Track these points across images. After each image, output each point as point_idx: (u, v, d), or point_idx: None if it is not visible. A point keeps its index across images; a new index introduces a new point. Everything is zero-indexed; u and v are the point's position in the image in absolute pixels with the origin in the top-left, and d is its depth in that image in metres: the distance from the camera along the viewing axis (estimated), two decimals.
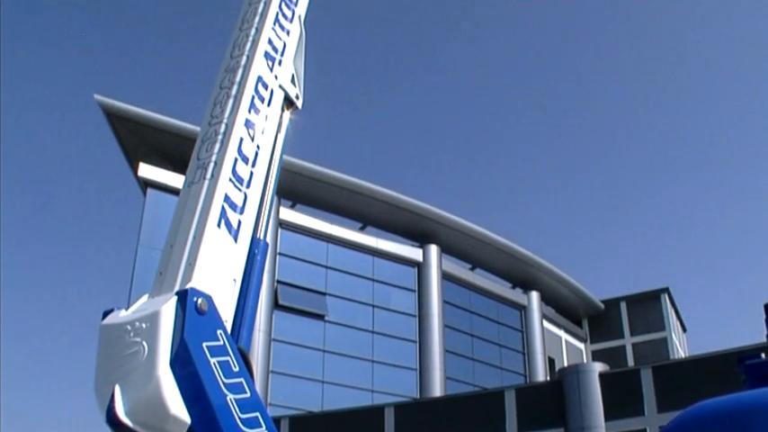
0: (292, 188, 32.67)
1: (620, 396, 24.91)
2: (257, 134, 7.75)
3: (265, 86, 8.09)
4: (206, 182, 7.21)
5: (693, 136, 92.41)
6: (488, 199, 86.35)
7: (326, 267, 34.49)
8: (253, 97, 7.85)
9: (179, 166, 26.05)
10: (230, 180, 7.26)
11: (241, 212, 7.29)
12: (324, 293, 33.91)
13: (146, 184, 29.39)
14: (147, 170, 29.30)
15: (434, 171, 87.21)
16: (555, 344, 46.89)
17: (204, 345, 6.12)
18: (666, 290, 51.51)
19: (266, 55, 8.26)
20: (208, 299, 6.36)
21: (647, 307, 51.33)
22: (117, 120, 29.48)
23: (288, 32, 8.73)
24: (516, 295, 43.77)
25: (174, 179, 27.85)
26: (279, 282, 32.33)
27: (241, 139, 7.52)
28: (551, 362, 45.06)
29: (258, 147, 7.73)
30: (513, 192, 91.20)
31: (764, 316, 7.18)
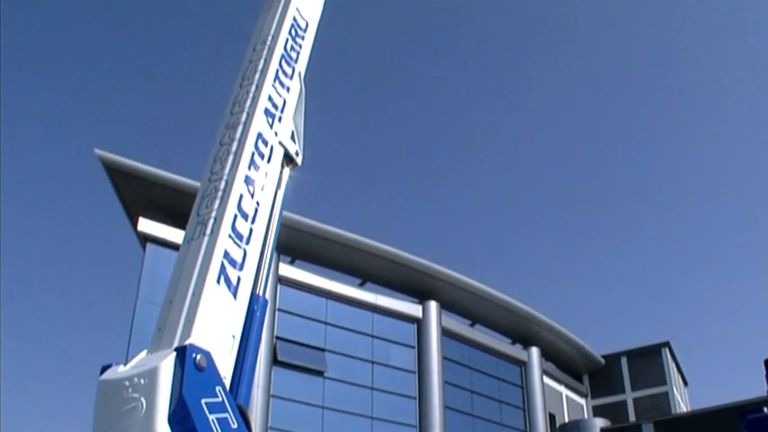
0: (292, 244, 32.67)
1: None
2: (257, 191, 7.79)
3: (265, 143, 8.15)
4: (206, 238, 7.24)
5: (691, 192, 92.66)
6: (488, 255, 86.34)
7: (326, 323, 34.33)
8: (253, 154, 7.90)
9: (179, 221, 26.10)
10: (230, 236, 7.28)
11: (240, 269, 7.30)
12: (323, 350, 33.72)
13: (145, 238, 29.37)
14: (146, 225, 29.30)
15: (434, 227, 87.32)
16: (555, 399, 46.55)
17: (203, 401, 6.10)
18: (667, 344, 51.27)
19: (266, 112, 8.32)
20: (207, 355, 6.35)
21: (648, 361, 51.05)
22: (117, 174, 29.55)
23: (288, 89, 8.81)
24: (516, 351, 43.54)
25: (174, 234, 27.85)
26: (278, 338, 32.16)
27: (241, 196, 7.56)
28: (552, 418, 44.71)
29: (258, 203, 7.76)
30: (512, 248, 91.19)
31: (765, 372, 7.16)
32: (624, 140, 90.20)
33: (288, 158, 8.59)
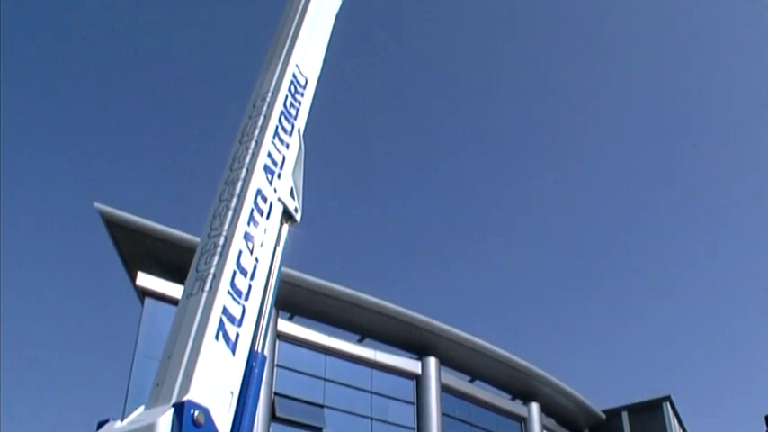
0: (290, 300, 32.60)
1: None
2: (256, 247, 7.82)
3: (264, 199, 8.19)
4: (204, 294, 7.25)
5: (689, 254, 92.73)
6: (487, 310, 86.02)
7: (324, 379, 34.12)
8: (252, 210, 7.94)
9: (178, 275, 26.06)
10: (229, 292, 7.29)
11: (239, 325, 7.30)
12: (322, 406, 33.47)
13: (143, 293, 29.31)
14: (145, 279, 29.26)
15: (433, 283, 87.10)
16: None
17: None
18: (668, 398, 50.87)
19: (266, 168, 8.37)
20: (205, 411, 6.33)
21: (649, 415, 50.61)
22: (116, 228, 29.59)
23: (287, 146, 8.87)
24: (516, 407, 43.20)
25: (173, 289, 27.80)
26: (276, 394, 31.94)
27: (240, 252, 7.58)
28: None
29: (257, 259, 7.78)
30: (511, 303, 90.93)
31: (765, 428, 7.13)
32: (620, 198, 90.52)
33: (287, 215, 8.63)
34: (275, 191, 8.40)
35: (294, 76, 9.57)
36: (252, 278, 7.62)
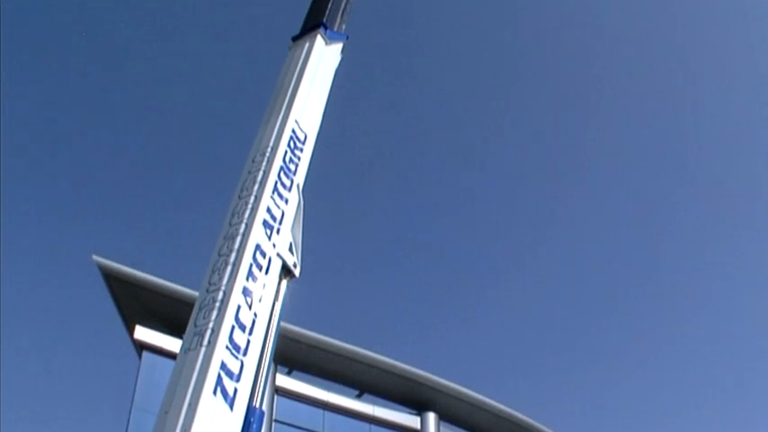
0: (289, 355, 32.41)
1: None
2: (255, 302, 7.80)
3: (263, 255, 8.19)
4: (203, 349, 7.22)
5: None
6: (487, 365, 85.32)
7: None
8: (251, 265, 7.94)
9: (176, 329, 25.93)
10: (227, 348, 7.26)
11: (237, 380, 7.26)
12: None
13: (141, 346, 29.13)
14: (143, 333, 29.11)
15: (432, 338, 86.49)
16: None
17: None
18: None
19: (265, 224, 8.38)
20: None
21: None
22: (115, 281, 29.50)
23: (286, 201, 8.89)
24: None
25: (171, 343, 27.64)
26: None
27: (239, 307, 7.56)
28: None
29: (255, 314, 7.76)
30: (511, 358, 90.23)
31: None
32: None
33: (286, 270, 8.64)
34: (274, 246, 8.41)
35: (293, 131, 9.64)
36: (250, 333, 7.60)
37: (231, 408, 7.11)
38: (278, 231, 8.56)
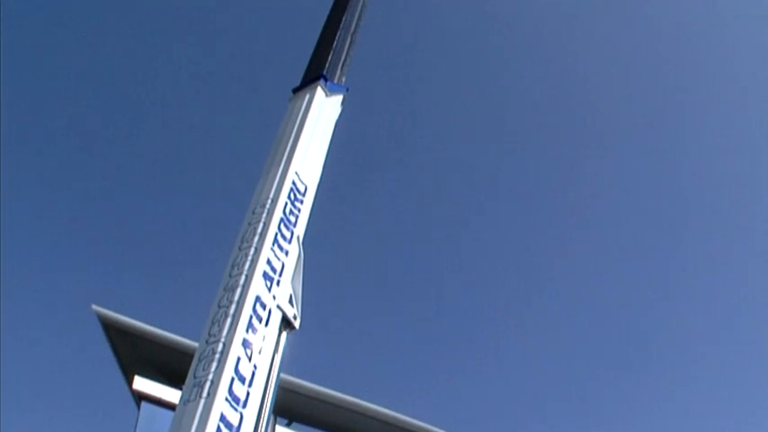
0: (288, 406, 32.12)
1: None
2: (254, 354, 7.80)
3: (263, 306, 8.20)
4: (202, 400, 7.21)
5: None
6: (490, 417, 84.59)
7: None
8: (251, 317, 7.95)
9: (175, 380, 25.80)
10: (226, 399, 7.25)
11: None
12: None
13: (140, 397, 28.94)
14: (142, 383, 28.94)
15: (434, 390, 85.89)
16: None
17: None
18: None
19: (265, 275, 8.40)
20: None
21: None
22: (114, 331, 29.38)
23: (287, 253, 8.93)
24: None
25: (170, 394, 27.47)
26: None
27: (238, 359, 7.56)
28: None
29: (255, 366, 7.76)
30: (513, 411, 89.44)
31: None
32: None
33: (286, 322, 8.64)
34: (274, 298, 8.43)
35: (294, 183, 9.71)
36: (250, 385, 7.58)
37: None
38: (278, 283, 8.58)
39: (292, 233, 9.20)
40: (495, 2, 37.23)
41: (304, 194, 9.83)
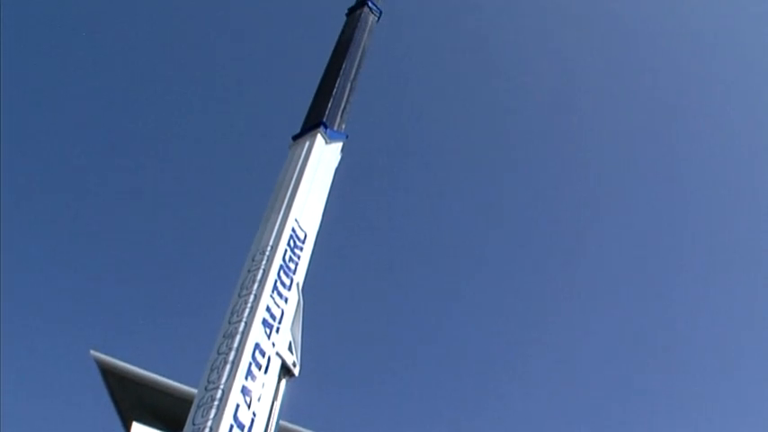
0: None
1: None
2: (254, 401, 7.80)
3: (263, 354, 8.21)
4: None
5: None
6: None
7: None
8: (250, 364, 7.96)
9: (173, 427, 25.67)
10: None
11: None
12: None
13: None
14: (140, 430, 28.79)
15: None
16: None
17: None
18: None
19: (264, 323, 8.42)
20: None
21: None
22: (112, 377, 29.27)
23: (286, 300, 8.95)
24: None
25: None
26: None
27: (237, 406, 7.56)
28: None
29: (254, 414, 7.75)
30: None
31: None
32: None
33: (285, 369, 8.64)
34: (273, 345, 8.44)
35: (293, 230, 9.75)
36: None
37: None
38: (277, 330, 8.59)
39: (292, 280, 9.23)
40: (496, 50, 37.59)
41: (304, 242, 9.87)
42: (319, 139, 11.53)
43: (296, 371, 8.78)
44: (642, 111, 37.95)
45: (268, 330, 8.43)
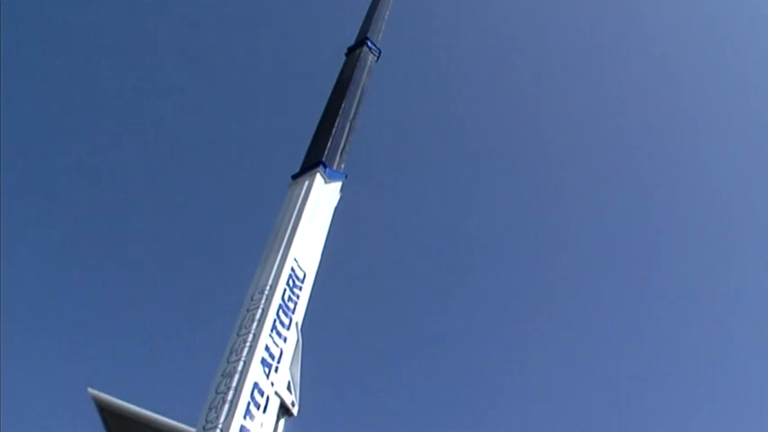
0: None
1: None
2: None
3: (261, 393, 8.21)
4: None
5: None
6: None
7: None
8: (248, 403, 7.95)
9: None
10: None
11: None
12: None
13: None
14: None
15: None
16: None
17: None
18: None
19: (263, 362, 8.42)
20: None
21: None
22: (110, 415, 29.11)
23: (285, 340, 8.95)
24: None
25: None
26: None
27: None
28: None
29: None
30: None
31: None
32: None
33: (284, 408, 8.63)
34: (272, 385, 8.43)
35: (292, 269, 9.76)
36: None
37: None
38: (276, 370, 8.59)
39: (291, 320, 9.24)
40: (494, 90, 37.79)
41: (303, 281, 9.89)
42: (319, 178, 11.57)
43: (294, 410, 8.77)
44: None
45: (267, 370, 8.43)
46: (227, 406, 7.86)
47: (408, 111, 35.64)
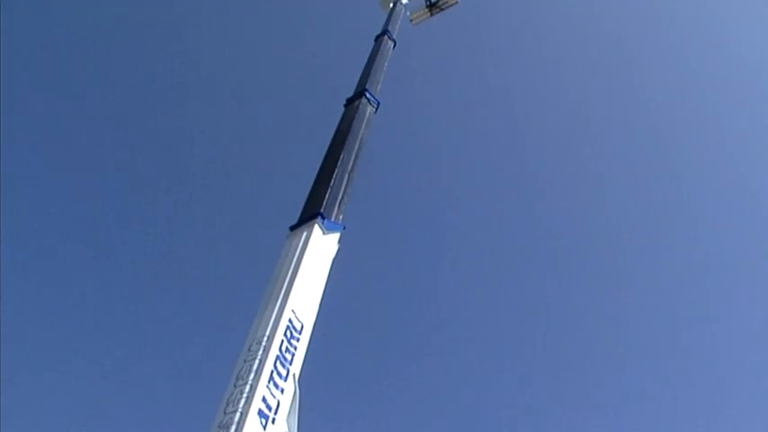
0: None
1: None
2: None
3: None
4: None
5: None
6: None
7: None
8: None
9: None
10: None
11: None
12: None
13: None
14: None
15: None
16: None
17: None
18: None
19: (260, 413, 8.38)
20: None
21: None
22: None
23: (282, 391, 8.91)
24: None
25: None
26: None
27: None
28: None
29: None
30: None
31: None
32: None
33: None
34: None
35: (290, 321, 9.73)
36: None
37: None
38: (273, 421, 8.53)
39: (288, 371, 9.19)
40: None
41: (300, 332, 9.85)
42: (317, 229, 11.56)
43: None
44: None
45: (264, 421, 8.38)
46: None
47: (407, 162, 35.84)
